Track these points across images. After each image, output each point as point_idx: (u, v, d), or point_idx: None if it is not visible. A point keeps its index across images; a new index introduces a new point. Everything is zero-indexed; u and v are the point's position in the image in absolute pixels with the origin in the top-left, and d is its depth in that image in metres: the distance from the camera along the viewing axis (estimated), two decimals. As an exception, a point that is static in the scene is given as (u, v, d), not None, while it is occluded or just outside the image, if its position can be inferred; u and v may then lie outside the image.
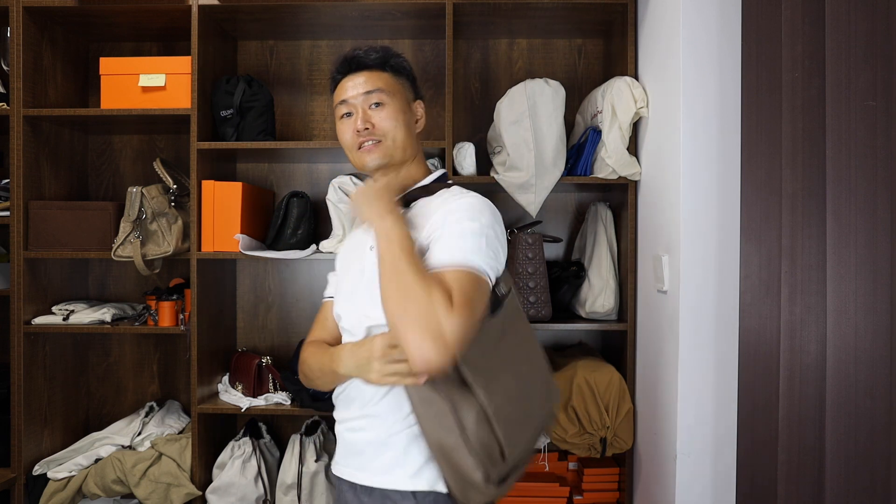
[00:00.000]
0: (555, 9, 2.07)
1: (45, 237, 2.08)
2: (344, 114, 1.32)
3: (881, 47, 1.12)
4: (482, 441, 1.10)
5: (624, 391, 1.93)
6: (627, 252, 2.02)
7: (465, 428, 1.10)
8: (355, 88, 1.30)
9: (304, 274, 2.41)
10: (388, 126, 1.29)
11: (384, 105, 1.30)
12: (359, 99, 1.29)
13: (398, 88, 1.33)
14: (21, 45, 2.04)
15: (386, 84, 1.31)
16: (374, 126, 1.28)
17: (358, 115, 1.29)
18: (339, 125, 1.33)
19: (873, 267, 1.13)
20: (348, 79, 1.32)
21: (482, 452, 1.10)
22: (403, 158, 1.32)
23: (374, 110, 1.29)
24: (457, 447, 1.10)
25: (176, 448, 2.07)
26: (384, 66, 1.33)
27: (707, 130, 1.60)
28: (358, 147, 1.30)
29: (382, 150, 1.29)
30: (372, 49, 1.33)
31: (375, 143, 1.29)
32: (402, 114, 1.31)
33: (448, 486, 1.17)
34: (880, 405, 1.11)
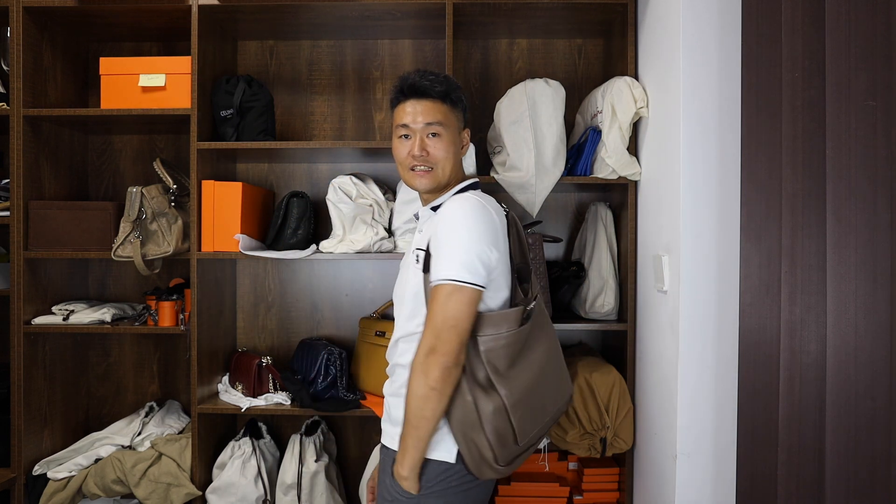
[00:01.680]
0: (555, 9, 2.07)
1: (45, 237, 2.08)
2: (403, 135, 1.47)
3: (881, 47, 1.12)
4: (497, 428, 1.31)
5: (624, 391, 1.93)
6: (627, 252, 2.02)
7: (481, 417, 1.31)
8: (417, 116, 1.44)
9: (304, 274, 2.41)
10: (440, 156, 1.44)
11: (440, 136, 1.45)
12: (419, 126, 1.44)
13: (453, 121, 1.48)
14: (21, 45, 2.04)
15: (444, 116, 1.46)
16: (429, 154, 1.44)
17: (415, 141, 1.44)
18: (397, 143, 1.48)
19: (873, 267, 1.13)
20: (411, 104, 1.46)
21: (496, 437, 1.31)
22: (447, 183, 1.48)
23: (430, 139, 1.45)
24: (475, 430, 1.32)
25: (176, 448, 2.08)
26: (445, 98, 1.46)
27: (707, 130, 1.60)
28: (411, 168, 1.46)
29: (432, 178, 1.45)
30: (436, 79, 1.46)
31: (427, 170, 1.45)
32: (453, 145, 1.47)
33: (464, 460, 1.36)
34: (880, 405, 1.11)
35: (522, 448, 1.36)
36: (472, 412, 1.32)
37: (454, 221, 1.34)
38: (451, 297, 1.30)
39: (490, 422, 1.30)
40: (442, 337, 1.29)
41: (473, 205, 1.35)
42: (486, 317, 1.34)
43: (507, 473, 1.37)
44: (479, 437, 1.31)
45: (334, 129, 2.40)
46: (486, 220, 1.34)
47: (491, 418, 1.31)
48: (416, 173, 1.45)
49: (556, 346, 1.47)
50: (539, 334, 1.42)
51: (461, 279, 1.30)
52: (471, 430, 1.32)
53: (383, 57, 2.38)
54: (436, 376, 1.29)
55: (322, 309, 2.40)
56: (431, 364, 1.29)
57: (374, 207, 2.07)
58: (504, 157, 2.01)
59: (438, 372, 1.29)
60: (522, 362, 1.37)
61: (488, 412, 1.30)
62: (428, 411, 1.31)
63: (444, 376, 1.29)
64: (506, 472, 1.36)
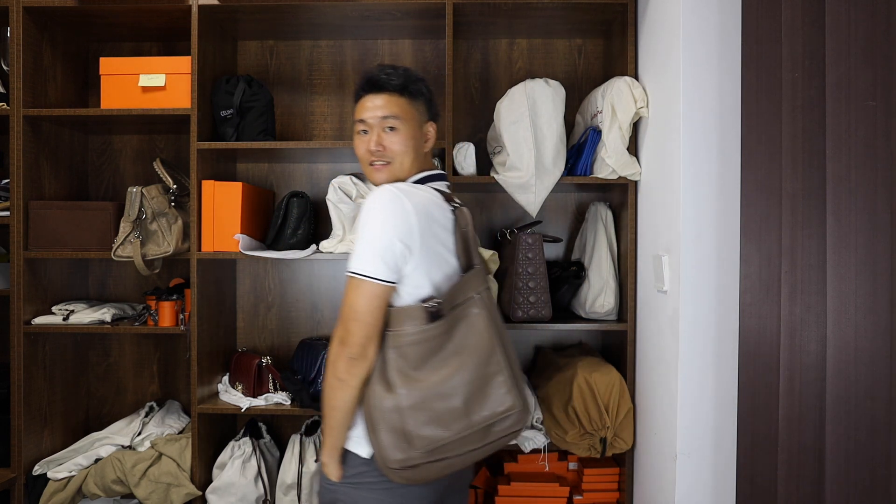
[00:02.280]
0: (555, 9, 2.07)
1: (45, 237, 2.08)
2: (361, 130, 1.46)
3: (881, 47, 1.12)
4: (394, 429, 1.29)
5: (624, 391, 1.93)
6: (627, 252, 2.02)
7: (379, 414, 1.30)
8: (373, 110, 1.44)
9: (304, 274, 2.41)
10: (397, 150, 1.43)
11: (397, 130, 1.43)
12: (375, 120, 1.43)
13: (412, 114, 1.46)
14: (21, 45, 2.04)
15: (401, 109, 1.44)
16: (385, 148, 1.43)
17: (372, 136, 1.43)
18: (356, 139, 1.48)
19: (873, 267, 1.13)
20: (369, 98, 1.45)
21: (391, 438, 1.29)
22: (407, 177, 1.45)
23: (387, 133, 1.43)
24: (374, 427, 1.31)
25: (176, 448, 2.07)
26: (403, 91, 1.45)
27: (707, 130, 1.60)
28: (370, 163, 1.45)
29: (389, 172, 1.44)
30: (394, 73, 1.45)
31: (385, 164, 1.44)
32: (412, 139, 1.45)
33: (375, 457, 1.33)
34: (880, 405, 1.11)
35: (428, 457, 1.29)
36: (370, 407, 1.32)
37: (364, 214, 1.33)
38: (353, 291, 1.31)
39: (386, 421, 1.29)
40: (348, 329, 1.31)
41: (385, 196, 1.32)
42: (391, 312, 1.34)
43: (415, 480, 1.31)
44: (377, 434, 1.30)
45: (334, 129, 2.40)
46: (394, 212, 1.31)
47: (387, 417, 1.29)
48: (374, 168, 1.44)
49: (492, 351, 1.34)
50: (468, 336, 1.34)
51: (362, 273, 1.30)
52: (371, 427, 1.32)
53: (383, 57, 2.38)
54: (341, 367, 1.31)
55: (322, 309, 2.40)
56: (339, 355, 1.31)
57: (374, 207, 2.07)
58: (504, 157, 2.00)
59: (343, 363, 1.31)
60: (435, 363, 1.31)
61: (385, 410, 1.29)
62: (335, 401, 1.33)
63: (348, 367, 1.31)
64: (413, 479, 1.31)
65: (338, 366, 1.32)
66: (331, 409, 1.35)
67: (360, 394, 1.34)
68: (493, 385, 1.33)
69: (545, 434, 2.01)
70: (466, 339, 1.34)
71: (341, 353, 1.31)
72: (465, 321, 1.35)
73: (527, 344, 2.38)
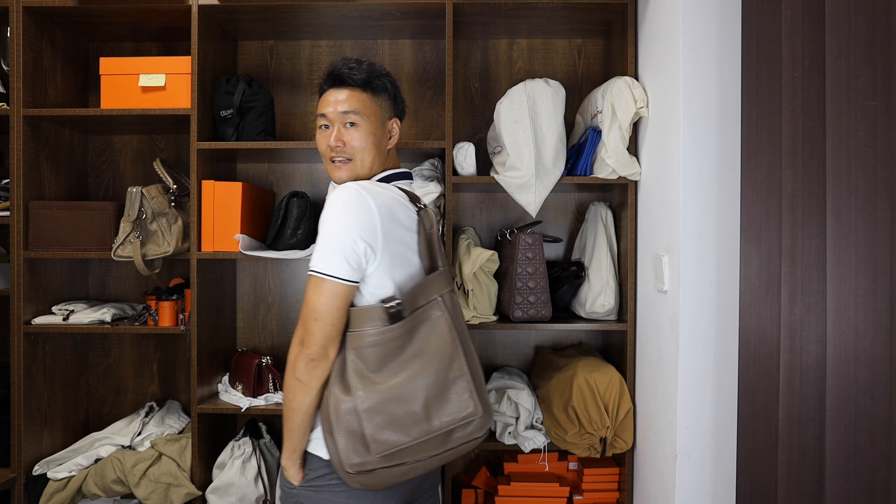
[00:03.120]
0: (555, 9, 2.07)
1: (45, 237, 2.08)
2: (322, 125, 1.44)
3: (881, 47, 1.12)
4: (351, 432, 1.26)
5: (624, 391, 1.93)
6: (627, 252, 2.02)
7: (336, 416, 1.28)
8: (334, 105, 1.41)
9: (304, 274, 2.41)
10: (357, 146, 1.41)
11: (357, 126, 1.41)
12: (336, 115, 1.41)
13: (374, 110, 1.43)
14: (21, 45, 2.04)
15: (362, 105, 1.42)
16: (345, 144, 1.41)
17: (332, 131, 1.41)
18: (318, 134, 1.45)
19: (873, 267, 1.13)
20: (331, 93, 1.43)
21: (347, 441, 1.27)
22: (369, 175, 1.44)
23: (347, 129, 1.41)
24: (330, 428, 1.28)
25: (176, 448, 2.08)
26: (365, 86, 1.43)
27: (707, 130, 1.60)
28: (331, 160, 1.43)
29: (350, 169, 1.42)
30: (357, 67, 1.42)
31: (345, 160, 1.42)
32: (373, 135, 1.42)
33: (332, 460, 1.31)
34: (880, 405, 1.11)
35: (384, 462, 1.26)
36: (327, 408, 1.29)
37: (326, 212, 1.31)
38: (314, 290, 1.28)
39: (343, 423, 1.26)
40: (308, 329, 1.28)
41: (349, 194, 1.29)
42: (351, 312, 1.31)
43: (371, 486, 1.29)
44: (333, 437, 1.28)
45: (334, 129, 2.39)
46: (357, 210, 1.28)
47: (343, 419, 1.26)
48: (335, 165, 1.42)
49: (454, 355, 1.31)
50: (430, 339, 1.31)
51: (322, 271, 1.27)
52: (328, 429, 1.29)
53: (383, 57, 2.38)
54: (301, 368, 1.29)
55: (322, 309, 2.40)
56: (299, 356, 1.29)
57: (374, 207, 2.07)
58: (504, 157, 2.00)
59: (303, 364, 1.29)
60: (395, 366, 1.29)
61: (342, 412, 1.27)
62: (294, 402, 1.31)
63: (308, 368, 1.29)
64: (369, 484, 1.29)
65: (297, 366, 1.29)
66: (290, 411, 1.32)
67: (320, 395, 1.32)
68: (454, 390, 1.31)
69: (545, 434, 2.01)
70: (427, 341, 1.31)
71: (301, 353, 1.29)
72: (427, 324, 1.33)
73: (527, 344, 2.38)
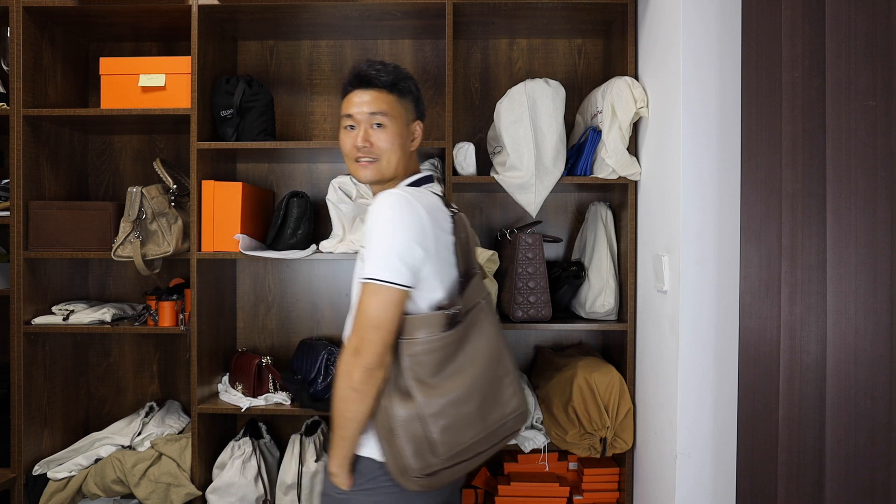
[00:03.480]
0: (555, 9, 2.07)
1: (45, 237, 2.08)
2: (348, 125, 1.44)
3: (881, 47, 1.12)
4: (414, 437, 1.27)
5: (624, 391, 1.93)
6: (627, 252, 2.02)
7: (395, 423, 1.27)
8: (361, 106, 1.42)
9: (304, 274, 2.41)
10: (384, 147, 1.41)
11: (385, 127, 1.42)
12: (363, 116, 1.42)
13: (401, 111, 1.44)
14: (21, 45, 2.04)
15: (390, 107, 1.42)
16: (373, 145, 1.41)
17: (360, 132, 1.41)
18: (343, 134, 1.45)
19: (873, 267, 1.13)
20: (357, 94, 1.43)
21: (412, 446, 1.27)
22: (394, 175, 1.45)
23: (374, 130, 1.42)
24: (390, 436, 1.28)
25: (176, 448, 2.07)
26: (392, 88, 1.43)
27: (707, 130, 1.60)
28: (356, 160, 1.43)
29: (376, 169, 1.42)
30: (384, 69, 1.43)
31: (371, 160, 1.42)
32: (399, 136, 1.43)
33: (387, 466, 1.31)
34: (880, 405, 1.11)
35: (447, 463, 1.29)
36: (387, 417, 1.28)
37: (377, 217, 1.30)
38: (373, 297, 1.27)
39: (404, 429, 1.26)
40: (365, 338, 1.26)
41: (398, 199, 1.30)
42: (408, 320, 1.30)
43: (432, 486, 1.31)
44: (393, 443, 1.27)
45: (334, 129, 2.40)
46: (409, 216, 1.28)
47: (405, 425, 1.26)
48: (360, 164, 1.42)
49: (500, 355, 1.38)
50: (479, 341, 1.35)
51: (381, 278, 1.26)
52: (387, 436, 1.29)
53: (383, 57, 2.38)
54: (358, 378, 1.27)
55: (322, 309, 2.40)
56: (354, 365, 1.27)
57: (374, 207, 2.07)
58: (504, 157, 2.00)
59: (360, 373, 1.26)
60: (452, 370, 1.30)
61: (402, 419, 1.26)
62: (350, 412, 1.29)
63: (366, 378, 1.27)
64: (430, 485, 1.30)
65: (354, 377, 1.27)
66: (346, 421, 1.30)
67: (377, 404, 1.30)
68: (503, 388, 1.37)
69: (545, 434, 2.01)
70: (479, 343, 1.35)
71: (356, 363, 1.27)
72: (476, 326, 1.36)
73: (527, 344, 2.38)
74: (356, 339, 1.28)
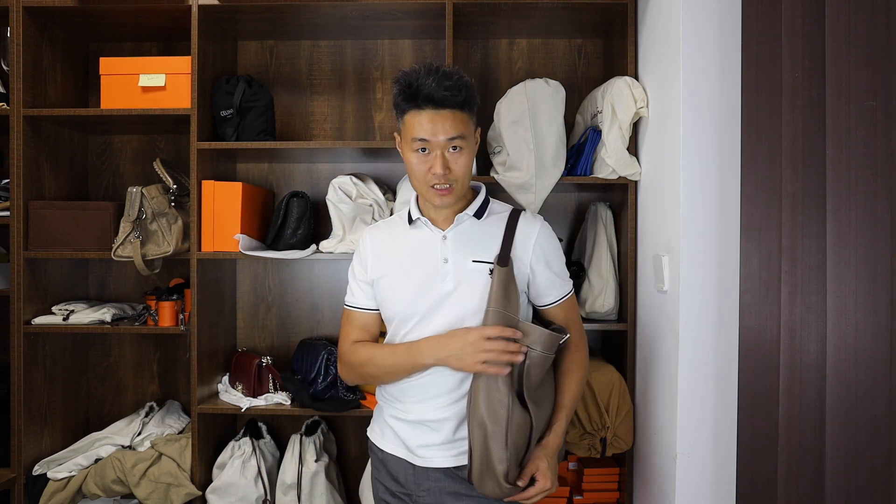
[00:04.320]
0: (555, 9, 2.07)
1: (45, 237, 2.08)
2: (420, 148, 1.34)
3: (881, 47, 1.12)
4: (517, 442, 1.30)
5: (624, 391, 1.93)
6: (627, 252, 2.02)
7: (511, 423, 1.29)
8: (438, 133, 1.32)
9: (304, 274, 2.41)
10: (462, 172, 1.36)
11: (462, 150, 1.35)
12: (440, 141, 1.32)
13: (471, 127, 1.39)
14: (21, 45, 2.04)
15: (465, 128, 1.35)
16: (451, 171, 1.35)
17: (437, 158, 1.33)
18: (413, 156, 1.36)
19: (873, 267, 1.13)
20: (429, 115, 1.32)
21: (513, 451, 1.29)
22: (463, 194, 1.44)
23: (452, 154, 1.34)
24: (497, 436, 1.29)
25: (176, 448, 2.07)
26: (465, 106, 1.35)
27: (707, 130, 1.60)
28: (430, 185, 1.36)
29: (455, 195, 1.38)
30: (454, 87, 1.32)
31: (448, 188, 1.36)
32: (472, 153, 1.38)
33: (469, 468, 1.32)
34: (880, 405, 1.11)
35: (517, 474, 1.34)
36: (503, 420, 1.30)
37: (553, 239, 1.49)
38: (577, 308, 1.54)
39: (514, 432, 1.30)
40: (585, 338, 1.53)
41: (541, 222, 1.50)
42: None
43: (503, 496, 1.33)
44: (497, 445, 1.30)
45: (334, 129, 2.40)
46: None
47: (517, 430, 1.31)
48: (436, 191, 1.36)
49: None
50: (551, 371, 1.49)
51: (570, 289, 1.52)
52: (491, 438, 1.30)
53: (383, 57, 2.38)
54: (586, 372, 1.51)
55: (322, 309, 2.40)
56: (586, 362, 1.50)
57: (374, 207, 2.07)
58: (504, 157, 2.00)
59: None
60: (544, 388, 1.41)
61: (516, 422, 1.31)
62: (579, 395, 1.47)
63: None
64: (503, 494, 1.32)
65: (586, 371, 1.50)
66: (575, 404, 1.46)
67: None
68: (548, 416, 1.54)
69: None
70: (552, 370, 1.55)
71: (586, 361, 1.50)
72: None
73: (527, 344, 2.37)
74: (583, 342, 1.51)
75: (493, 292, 1.34)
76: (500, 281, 1.34)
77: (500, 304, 1.33)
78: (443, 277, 1.39)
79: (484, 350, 1.28)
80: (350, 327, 1.51)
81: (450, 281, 1.38)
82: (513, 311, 1.34)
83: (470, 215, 1.43)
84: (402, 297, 1.42)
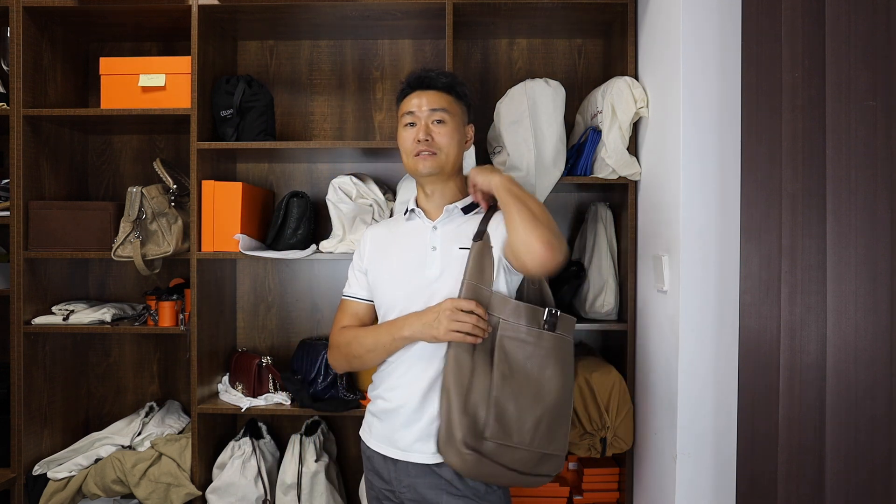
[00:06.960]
0: (555, 9, 2.07)
1: (45, 237, 2.08)
2: (408, 123, 1.52)
3: (881, 47, 1.12)
4: (474, 409, 1.37)
5: (624, 391, 1.93)
6: (627, 252, 2.02)
7: (470, 391, 1.37)
8: (422, 104, 1.51)
9: (304, 274, 2.41)
10: (444, 142, 1.50)
11: (444, 123, 1.51)
12: (424, 113, 1.50)
13: (458, 111, 1.54)
14: (21, 45, 2.04)
15: (449, 105, 1.52)
16: (433, 139, 1.49)
17: (420, 127, 1.50)
18: (403, 132, 1.53)
19: (873, 267, 1.13)
20: (417, 95, 1.52)
21: (470, 417, 1.36)
22: (451, 171, 1.54)
23: (435, 126, 1.50)
24: (457, 402, 1.37)
25: (176, 448, 2.08)
26: (450, 89, 1.53)
27: (707, 130, 1.60)
28: (415, 154, 1.50)
29: (435, 162, 1.50)
30: (442, 73, 1.55)
31: (431, 154, 1.49)
32: (457, 133, 1.53)
33: (437, 437, 1.42)
34: (880, 405, 1.11)
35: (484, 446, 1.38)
36: (463, 385, 1.38)
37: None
38: None
39: (472, 398, 1.37)
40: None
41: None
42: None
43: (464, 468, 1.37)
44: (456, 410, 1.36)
45: (334, 129, 2.40)
46: None
47: (474, 396, 1.37)
48: (420, 158, 1.49)
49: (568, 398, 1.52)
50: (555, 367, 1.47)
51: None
52: (452, 404, 1.37)
53: (383, 57, 2.38)
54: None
55: (322, 309, 2.40)
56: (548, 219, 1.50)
57: (374, 207, 2.07)
58: (504, 157, 2.00)
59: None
60: (531, 366, 1.44)
61: (476, 389, 1.38)
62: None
63: None
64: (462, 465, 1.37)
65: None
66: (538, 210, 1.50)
67: None
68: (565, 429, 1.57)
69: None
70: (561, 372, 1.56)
71: None
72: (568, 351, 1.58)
73: (527, 344, 2.37)
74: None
75: (468, 266, 1.44)
76: (475, 254, 1.44)
77: (474, 276, 1.42)
78: (430, 264, 1.49)
79: (457, 320, 1.36)
80: (342, 315, 1.61)
81: (436, 267, 1.48)
82: (486, 284, 1.43)
83: (459, 209, 1.54)
84: (390, 281, 1.53)
